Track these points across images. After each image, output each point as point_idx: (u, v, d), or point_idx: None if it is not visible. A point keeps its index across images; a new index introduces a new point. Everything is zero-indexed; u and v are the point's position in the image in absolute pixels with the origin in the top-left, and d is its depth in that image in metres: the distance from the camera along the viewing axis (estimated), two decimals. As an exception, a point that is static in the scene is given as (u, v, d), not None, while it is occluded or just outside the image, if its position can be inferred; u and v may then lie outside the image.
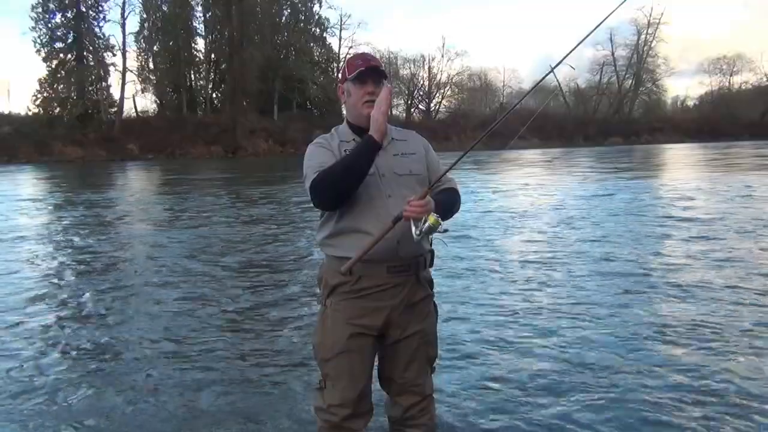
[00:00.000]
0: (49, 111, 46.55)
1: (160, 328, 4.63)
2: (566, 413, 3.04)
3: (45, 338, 4.43)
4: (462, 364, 3.72)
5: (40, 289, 5.94)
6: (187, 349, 4.14)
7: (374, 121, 2.16)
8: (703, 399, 3.15)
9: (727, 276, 5.69)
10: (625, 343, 4.00)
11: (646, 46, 64.98)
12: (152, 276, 6.45)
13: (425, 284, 2.43)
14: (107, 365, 3.90)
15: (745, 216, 9.31)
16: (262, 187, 18.17)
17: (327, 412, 2.39)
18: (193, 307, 5.18)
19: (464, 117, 59.40)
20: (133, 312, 5.11)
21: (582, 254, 6.98)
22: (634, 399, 3.16)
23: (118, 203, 14.85)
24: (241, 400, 3.32)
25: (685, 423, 2.91)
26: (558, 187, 16.09)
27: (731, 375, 3.43)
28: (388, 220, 2.21)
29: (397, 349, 2.41)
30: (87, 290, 5.88)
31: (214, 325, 4.67)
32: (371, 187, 2.26)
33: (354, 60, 2.37)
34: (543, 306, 4.92)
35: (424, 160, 2.43)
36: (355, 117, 2.37)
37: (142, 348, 4.20)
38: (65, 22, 48.45)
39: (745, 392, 3.21)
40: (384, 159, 2.31)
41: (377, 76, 2.31)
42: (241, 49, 50.52)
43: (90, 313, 5.11)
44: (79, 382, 3.61)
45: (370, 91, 2.30)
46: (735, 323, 4.33)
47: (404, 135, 2.48)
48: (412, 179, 2.35)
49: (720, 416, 2.96)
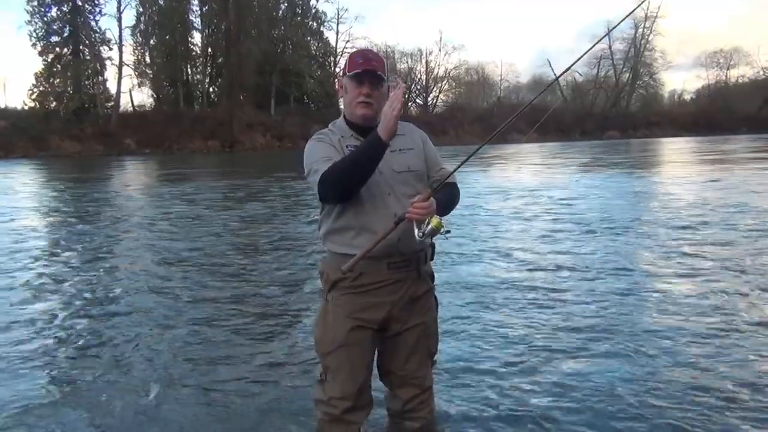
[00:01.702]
0: (46, 105, 46.37)
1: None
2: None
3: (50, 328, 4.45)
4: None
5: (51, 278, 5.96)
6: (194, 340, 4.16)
7: (386, 120, 2.08)
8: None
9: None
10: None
11: (643, 39, 65.02)
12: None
13: (426, 278, 2.44)
14: (111, 360, 3.92)
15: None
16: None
17: (328, 405, 2.41)
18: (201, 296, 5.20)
19: (461, 111, 59.38)
20: (147, 304, 5.12)
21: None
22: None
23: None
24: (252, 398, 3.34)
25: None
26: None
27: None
28: (388, 217, 2.22)
29: (397, 342, 2.43)
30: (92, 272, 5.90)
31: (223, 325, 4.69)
32: (371, 184, 2.25)
33: (355, 57, 2.33)
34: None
35: (422, 154, 2.42)
36: (350, 114, 2.36)
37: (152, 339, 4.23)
38: (61, 16, 48.26)
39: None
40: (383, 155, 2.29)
41: (375, 78, 2.28)
42: (238, 43, 50.41)
43: (91, 299, 5.13)
44: (81, 373, 3.64)
45: (365, 93, 2.27)
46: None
47: (402, 129, 2.42)
48: (411, 176, 2.35)
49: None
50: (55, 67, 47.57)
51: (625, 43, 65.81)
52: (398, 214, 2.21)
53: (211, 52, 56.42)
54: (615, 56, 66.27)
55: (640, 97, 68.61)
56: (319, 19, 59.46)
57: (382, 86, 2.31)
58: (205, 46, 56.44)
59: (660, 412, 2.96)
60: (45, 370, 3.73)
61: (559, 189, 13.71)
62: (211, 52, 56.39)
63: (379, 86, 2.30)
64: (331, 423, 2.43)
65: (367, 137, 2.19)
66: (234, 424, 3.01)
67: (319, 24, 59.67)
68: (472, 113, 58.65)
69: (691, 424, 2.84)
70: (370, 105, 2.28)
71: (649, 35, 64.83)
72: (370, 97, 2.28)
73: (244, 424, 3.00)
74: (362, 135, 2.31)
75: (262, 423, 3.01)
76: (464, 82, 66.55)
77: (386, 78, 2.33)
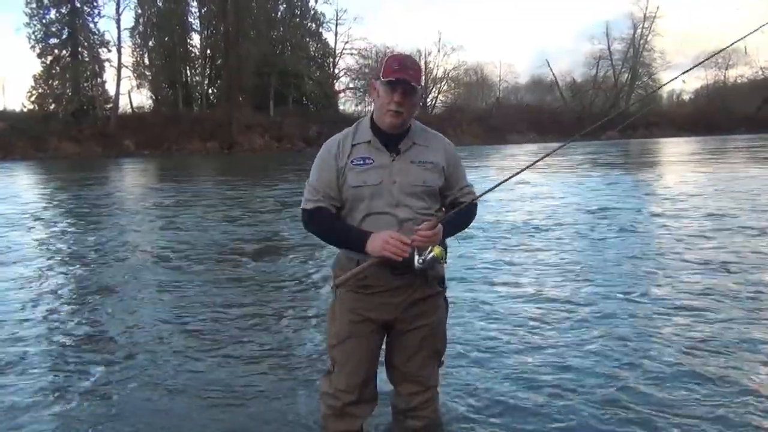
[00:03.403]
0: (44, 107, 46.18)
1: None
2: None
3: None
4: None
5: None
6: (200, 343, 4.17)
7: (385, 250, 2.14)
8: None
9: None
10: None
11: (642, 40, 64.95)
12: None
13: (434, 283, 2.43)
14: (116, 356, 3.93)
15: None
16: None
17: (332, 397, 2.44)
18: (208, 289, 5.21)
19: (460, 111, 59.27)
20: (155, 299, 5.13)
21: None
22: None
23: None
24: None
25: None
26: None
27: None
28: (393, 227, 2.23)
29: (402, 339, 2.45)
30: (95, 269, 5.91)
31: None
32: (381, 193, 2.26)
33: (391, 62, 2.27)
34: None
35: (442, 171, 2.36)
36: (378, 118, 2.33)
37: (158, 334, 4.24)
38: (60, 18, 48.08)
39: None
40: (400, 164, 2.29)
41: (409, 88, 2.24)
42: (237, 44, 50.30)
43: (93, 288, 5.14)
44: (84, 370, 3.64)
45: (397, 101, 2.23)
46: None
47: (427, 140, 2.39)
48: (424, 190, 2.31)
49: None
50: (53, 69, 47.40)
51: (624, 43, 65.80)
52: (405, 224, 2.23)
53: (209, 53, 56.26)
54: (614, 56, 66.17)
55: (638, 98, 68.51)
56: (318, 21, 59.34)
57: (415, 96, 2.27)
58: (204, 47, 56.30)
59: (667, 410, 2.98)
60: (37, 372, 3.71)
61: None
62: (210, 54, 56.24)
63: (413, 96, 2.26)
64: (334, 417, 2.46)
65: (357, 235, 2.23)
66: (235, 425, 3.02)
67: (317, 25, 59.54)
68: (471, 114, 58.51)
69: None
70: (400, 114, 2.24)
71: (648, 35, 64.84)
72: (402, 106, 2.23)
73: (244, 424, 3.02)
74: (385, 141, 2.30)
75: (262, 423, 3.02)
76: (463, 82, 66.40)
77: (420, 87, 2.28)
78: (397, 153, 2.30)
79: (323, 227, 2.31)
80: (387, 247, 2.13)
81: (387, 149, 2.31)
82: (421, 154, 2.34)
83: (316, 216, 2.29)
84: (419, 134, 2.38)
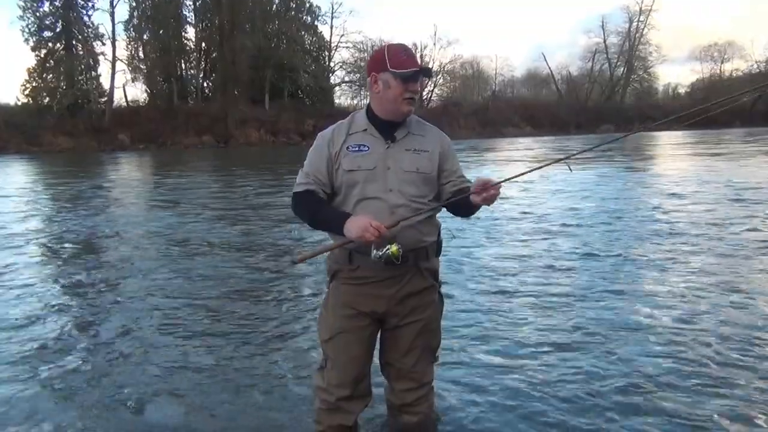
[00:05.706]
0: (39, 101, 45.97)
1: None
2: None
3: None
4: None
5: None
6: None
7: (362, 236, 2.09)
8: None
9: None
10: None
11: (638, 33, 64.95)
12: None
13: (427, 275, 2.43)
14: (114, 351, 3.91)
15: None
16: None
17: (326, 392, 2.44)
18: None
19: (456, 105, 59.21)
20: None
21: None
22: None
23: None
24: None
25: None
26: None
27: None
28: (386, 212, 2.23)
29: (396, 336, 2.44)
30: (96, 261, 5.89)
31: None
32: (375, 179, 2.27)
33: (398, 53, 2.28)
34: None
35: (436, 159, 2.37)
36: (386, 110, 2.32)
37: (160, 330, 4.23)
38: (53, 11, 47.77)
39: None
40: (395, 151, 2.31)
41: (423, 76, 2.33)
42: (232, 37, 50.07)
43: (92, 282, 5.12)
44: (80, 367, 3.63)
45: (414, 90, 2.28)
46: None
47: (423, 129, 2.43)
48: (418, 177, 2.33)
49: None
50: (47, 63, 47.15)
51: (620, 37, 65.80)
52: (397, 210, 2.23)
53: (204, 47, 56.03)
54: (610, 50, 66.21)
55: (634, 91, 68.51)
56: (313, 14, 59.06)
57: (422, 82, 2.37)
58: (199, 41, 56.06)
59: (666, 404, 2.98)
60: (31, 371, 3.68)
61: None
62: (205, 47, 56.01)
63: (422, 81, 2.36)
64: (328, 411, 2.45)
65: (339, 215, 2.21)
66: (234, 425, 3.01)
67: (313, 18, 59.27)
68: (467, 107, 58.47)
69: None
70: (414, 101, 2.30)
71: (643, 29, 64.84)
72: (416, 92, 2.29)
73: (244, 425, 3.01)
74: (383, 130, 2.32)
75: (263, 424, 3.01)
76: (459, 76, 66.32)
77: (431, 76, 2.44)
78: (393, 140, 2.32)
79: (310, 208, 2.29)
80: (366, 235, 2.09)
81: (383, 137, 2.33)
82: (417, 142, 2.36)
83: (305, 198, 2.29)
84: (416, 125, 2.41)
